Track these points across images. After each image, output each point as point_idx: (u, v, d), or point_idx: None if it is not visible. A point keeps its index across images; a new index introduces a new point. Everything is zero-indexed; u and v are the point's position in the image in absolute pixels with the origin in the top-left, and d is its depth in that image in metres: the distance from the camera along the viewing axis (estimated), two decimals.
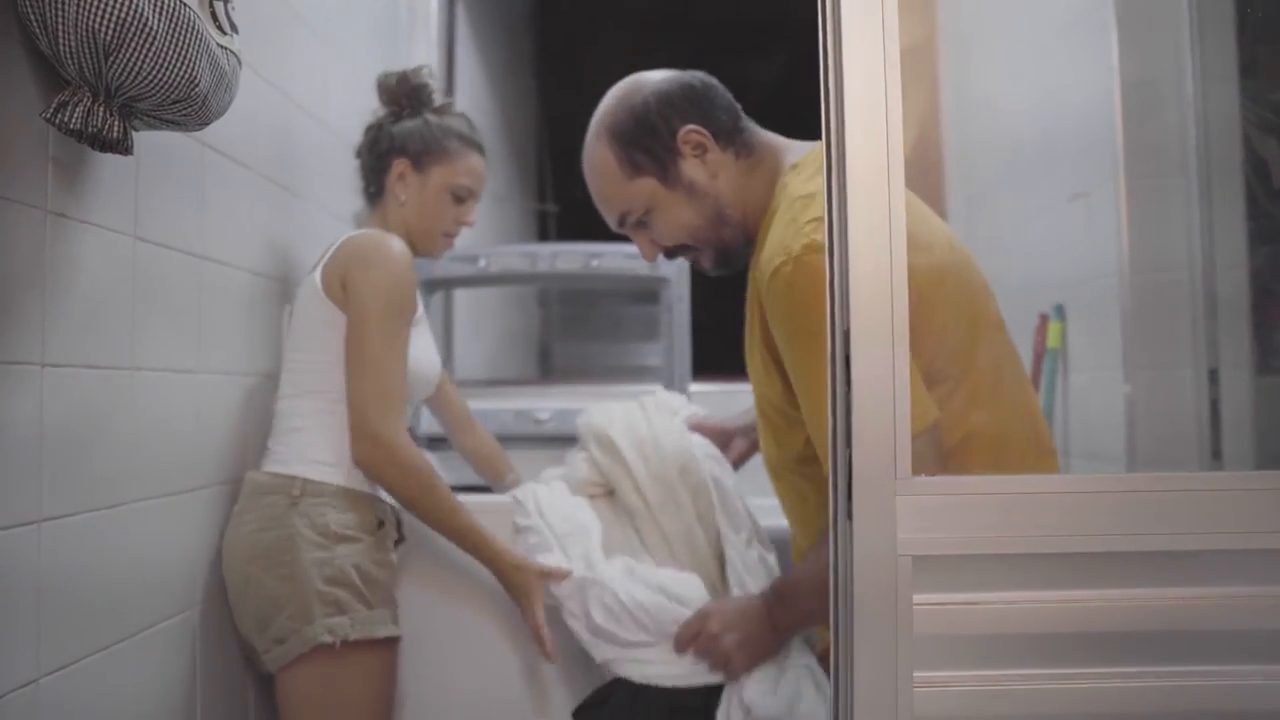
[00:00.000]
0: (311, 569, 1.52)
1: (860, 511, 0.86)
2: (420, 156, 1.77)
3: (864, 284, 0.86)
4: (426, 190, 1.78)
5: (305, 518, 1.55)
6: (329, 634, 1.51)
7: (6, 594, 1.11)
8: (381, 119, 1.81)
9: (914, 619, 0.86)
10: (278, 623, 1.53)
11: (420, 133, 1.78)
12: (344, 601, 1.53)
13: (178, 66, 1.10)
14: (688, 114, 1.43)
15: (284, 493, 1.57)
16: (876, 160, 0.86)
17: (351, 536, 1.57)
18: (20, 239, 1.13)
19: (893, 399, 0.85)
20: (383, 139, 1.79)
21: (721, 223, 1.44)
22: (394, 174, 1.78)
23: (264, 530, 1.55)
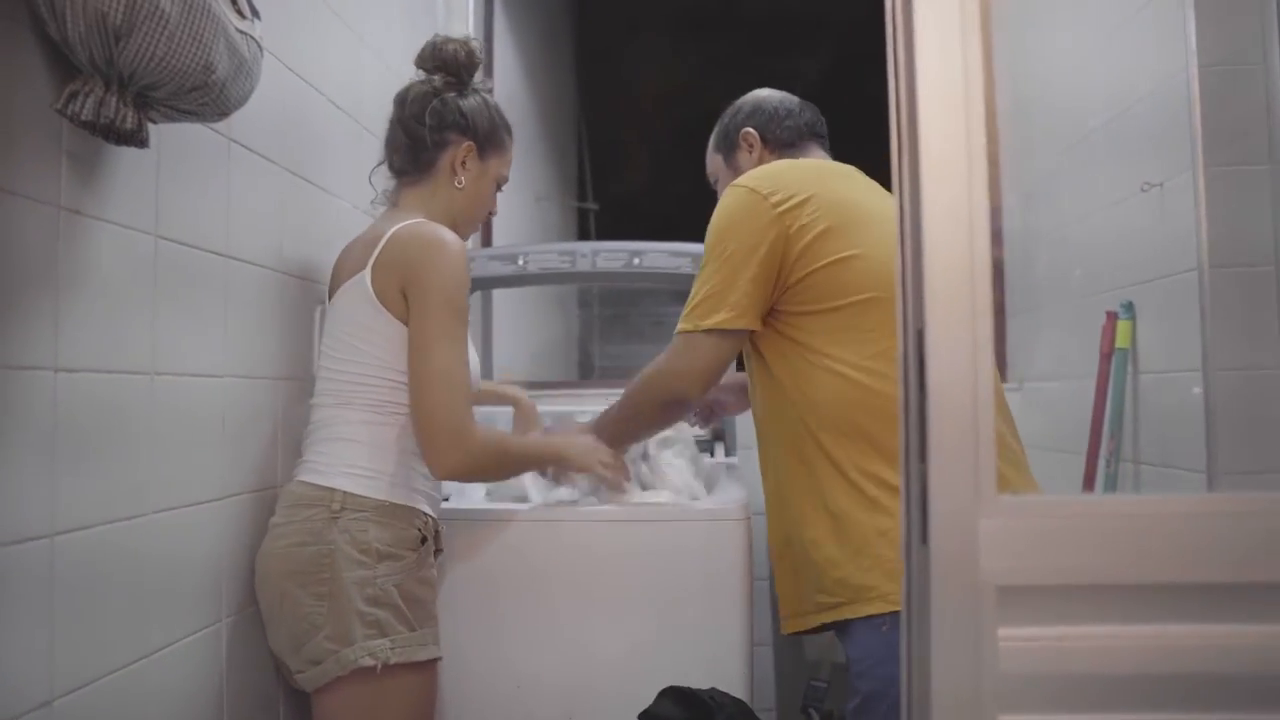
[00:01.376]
0: (352, 588, 1.44)
1: (937, 535, 0.76)
2: (485, 143, 1.69)
3: (940, 278, 0.76)
4: (484, 178, 1.71)
5: (346, 533, 1.46)
6: (370, 657, 1.43)
7: (17, 612, 1.04)
8: (440, 88, 1.67)
9: (999, 656, 0.76)
10: (314, 643, 1.44)
11: (485, 116, 1.69)
12: (385, 623, 1.45)
13: (192, 51, 1.03)
14: (750, 119, 1.83)
15: (324, 506, 1.48)
16: (954, 139, 0.76)
17: (394, 554, 1.49)
18: (31, 237, 1.07)
19: (974, 407, 0.76)
20: (450, 112, 1.66)
21: None
22: (457, 154, 1.67)
23: (302, 545, 1.47)
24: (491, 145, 1.70)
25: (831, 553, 1.52)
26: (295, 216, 1.71)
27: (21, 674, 1.05)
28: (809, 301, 1.54)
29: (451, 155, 1.66)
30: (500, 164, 1.73)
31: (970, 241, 0.76)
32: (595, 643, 1.79)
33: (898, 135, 0.80)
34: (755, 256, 1.54)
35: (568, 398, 2.68)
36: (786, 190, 1.56)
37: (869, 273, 1.52)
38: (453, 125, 1.66)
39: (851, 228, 1.54)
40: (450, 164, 1.66)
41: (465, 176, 1.67)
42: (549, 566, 1.80)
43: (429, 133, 1.65)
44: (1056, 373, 2.52)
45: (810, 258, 1.53)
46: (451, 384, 1.50)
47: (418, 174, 1.67)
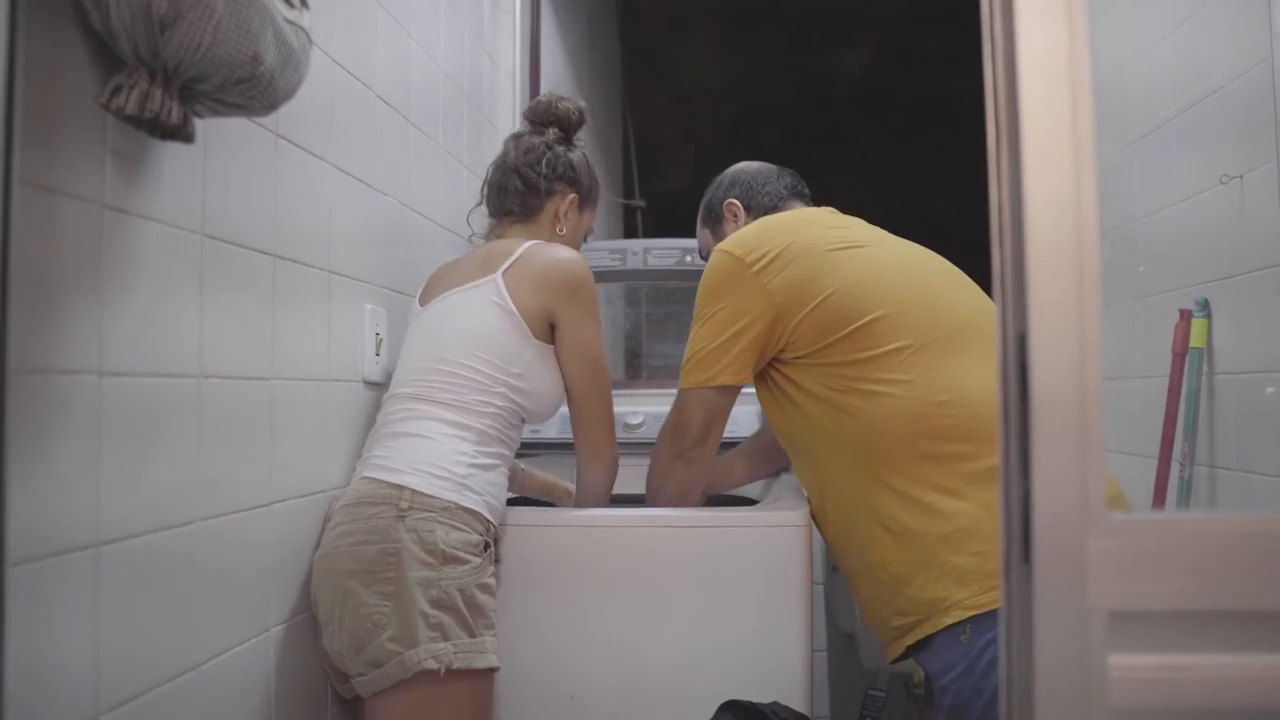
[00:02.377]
0: (416, 588, 1.42)
1: (1042, 556, 0.70)
2: (585, 196, 1.84)
3: (1044, 277, 0.70)
4: (579, 228, 1.85)
5: (413, 532, 1.45)
6: (434, 660, 1.40)
7: (63, 625, 1.01)
8: (552, 141, 1.82)
9: (1110, 687, 0.70)
10: (376, 644, 1.41)
11: (586, 174, 1.85)
12: (447, 626, 1.43)
13: (240, 41, 0.99)
14: (731, 191, 1.96)
15: (391, 503, 1.46)
16: (1059, 122, 0.70)
17: (460, 557, 1.47)
18: (75, 236, 1.03)
19: (1083, 417, 0.69)
20: (560, 164, 1.81)
21: None
22: (564, 202, 1.81)
23: (368, 543, 1.44)
24: (590, 199, 1.86)
25: (899, 570, 1.49)
26: (343, 215, 1.67)
27: (67, 688, 1.02)
28: (816, 339, 1.58)
29: (557, 204, 1.81)
30: (592, 218, 1.88)
31: (1077, 237, 0.70)
32: (651, 651, 1.74)
33: (995, 124, 0.74)
34: (741, 318, 1.63)
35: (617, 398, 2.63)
36: (759, 249, 1.63)
37: (855, 303, 1.57)
38: (563, 176, 1.81)
39: (824, 271, 1.60)
40: (555, 211, 1.81)
41: (566, 225, 1.82)
42: (604, 572, 1.76)
43: (543, 180, 1.79)
44: (1122, 372, 2.43)
45: (799, 305, 1.59)
46: (610, 414, 1.76)
47: (524, 217, 1.81)
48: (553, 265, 1.66)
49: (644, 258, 2.28)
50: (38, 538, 0.97)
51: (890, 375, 1.53)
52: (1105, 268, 2.55)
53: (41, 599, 0.98)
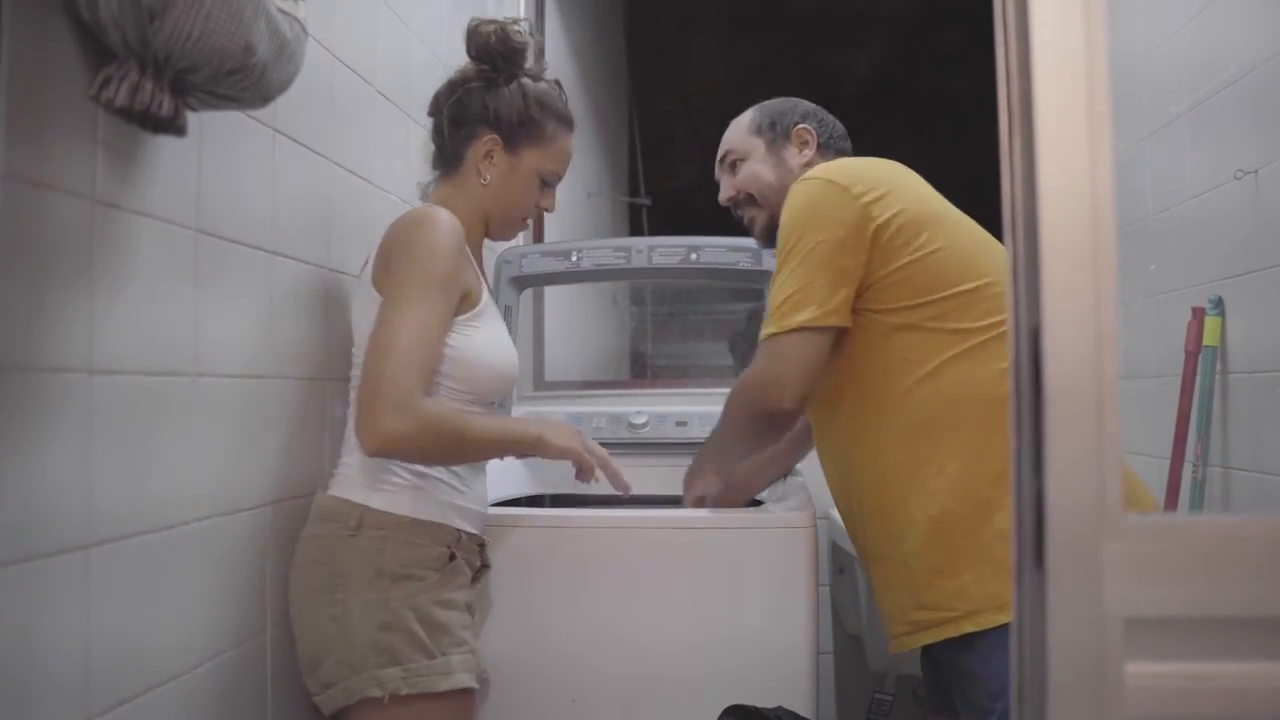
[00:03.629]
0: (363, 611, 1.34)
1: (1055, 560, 0.67)
2: (514, 135, 1.54)
3: (1059, 270, 0.67)
4: (516, 174, 1.56)
5: (361, 553, 1.36)
6: (377, 688, 1.32)
7: (53, 626, 0.99)
8: (470, 77, 1.56)
9: (1126, 696, 0.67)
10: (326, 666, 1.35)
11: (518, 107, 1.54)
12: (398, 650, 1.34)
13: (231, 31, 0.97)
14: (808, 118, 1.74)
15: (342, 521, 1.38)
16: (1074, 106, 0.67)
17: (411, 575, 1.37)
18: (65, 232, 1.01)
19: (1099, 415, 0.67)
20: (472, 104, 1.54)
21: (784, 196, 1.59)
22: (480, 149, 1.54)
23: (318, 562, 1.38)
24: (524, 137, 1.55)
25: (937, 562, 1.42)
26: (342, 210, 1.65)
27: (58, 691, 1.00)
28: (904, 297, 1.45)
29: (476, 149, 1.54)
30: (540, 156, 1.57)
31: (1094, 228, 0.67)
32: (655, 654, 1.72)
33: (1008, 112, 0.71)
34: (842, 250, 1.44)
35: (621, 398, 2.61)
36: (867, 184, 1.47)
37: (964, 264, 1.44)
38: (475, 118, 1.54)
39: (932, 222, 1.47)
40: (475, 159, 1.55)
41: (491, 171, 1.54)
42: (608, 574, 1.73)
43: (448, 126, 1.55)
44: (1134, 371, 2.40)
45: (899, 252, 1.44)
46: (403, 351, 1.32)
47: (447, 169, 1.58)
48: (389, 235, 1.45)
49: (649, 256, 2.25)
50: (28, 539, 0.95)
51: (982, 351, 1.41)
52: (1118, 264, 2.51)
53: (32, 601, 0.96)
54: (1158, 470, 2.08)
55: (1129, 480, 1.47)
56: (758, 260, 2.19)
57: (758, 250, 2.20)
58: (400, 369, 1.31)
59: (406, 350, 1.32)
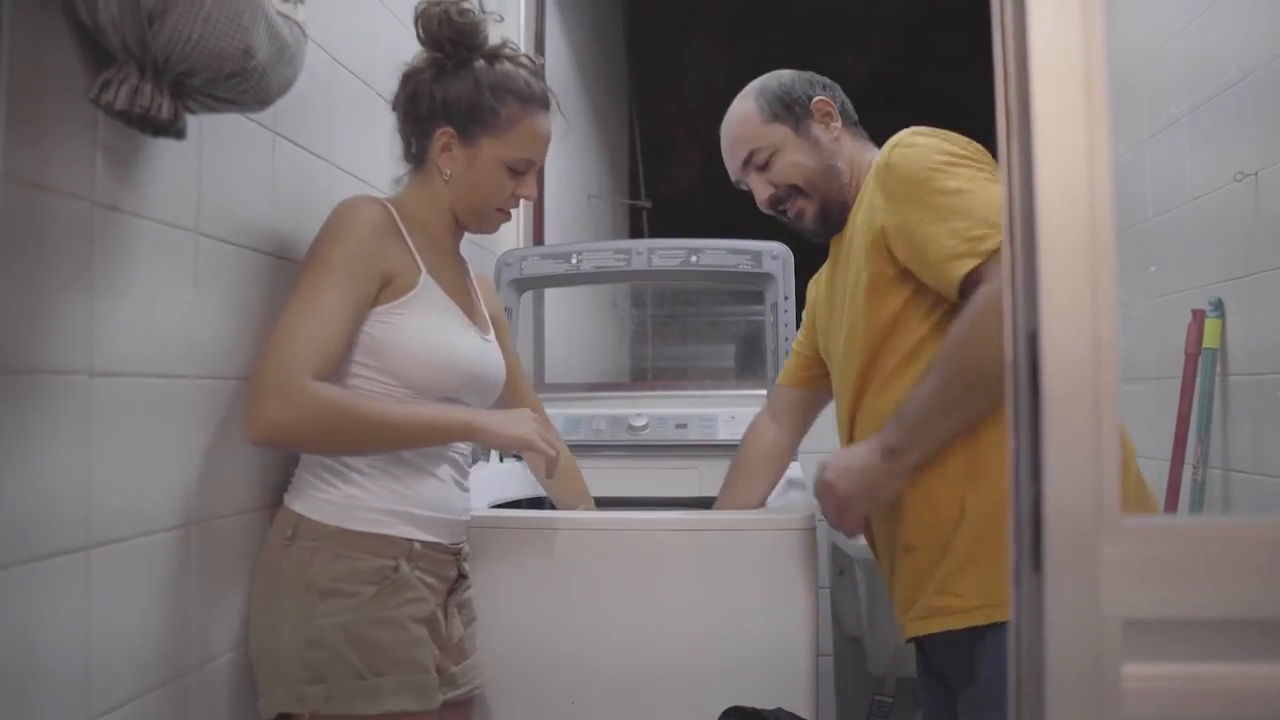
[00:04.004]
0: (289, 626, 1.29)
1: (1053, 563, 0.67)
2: (468, 126, 1.44)
3: (1056, 271, 0.67)
4: (476, 166, 1.45)
5: (292, 563, 1.31)
6: (299, 703, 1.27)
7: (52, 628, 0.99)
8: (421, 68, 1.46)
9: (1123, 697, 0.67)
10: (260, 673, 1.32)
11: (468, 97, 1.43)
12: (324, 668, 1.27)
13: (230, 34, 0.97)
14: (817, 88, 1.63)
15: (281, 530, 1.34)
16: (1072, 109, 0.68)
17: (341, 590, 1.30)
18: (64, 233, 1.01)
19: (1097, 419, 0.67)
20: (422, 97, 1.45)
21: (833, 176, 1.58)
22: (437, 144, 1.45)
23: (261, 569, 1.35)
24: (480, 126, 1.44)
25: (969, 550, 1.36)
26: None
27: (61, 690, 1.00)
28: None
29: (433, 145, 1.46)
30: (501, 145, 1.45)
31: (1092, 231, 0.67)
32: (654, 656, 1.72)
33: (1005, 114, 0.71)
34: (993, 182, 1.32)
35: (621, 400, 2.61)
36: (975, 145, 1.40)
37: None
38: (427, 112, 1.45)
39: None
40: (434, 154, 1.46)
41: (450, 166, 1.45)
42: (607, 576, 1.74)
43: (406, 122, 1.48)
44: (1134, 373, 2.40)
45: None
46: (288, 336, 1.26)
47: (414, 165, 1.51)
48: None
49: (649, 258, 2.25)
50: (29, 540, 0.96)
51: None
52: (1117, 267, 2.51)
53: (33, 601, 0.96)
54: (1158, 472, 2.08)
55: (1138, 488, 1.45)
56: (757, 262, 2.19)
57: (757, 253, 2.20)
58: (283, 354, 1.24)
59: (290, 335, 1.26)
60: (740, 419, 2.18)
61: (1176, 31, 2.11)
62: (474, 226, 1.54)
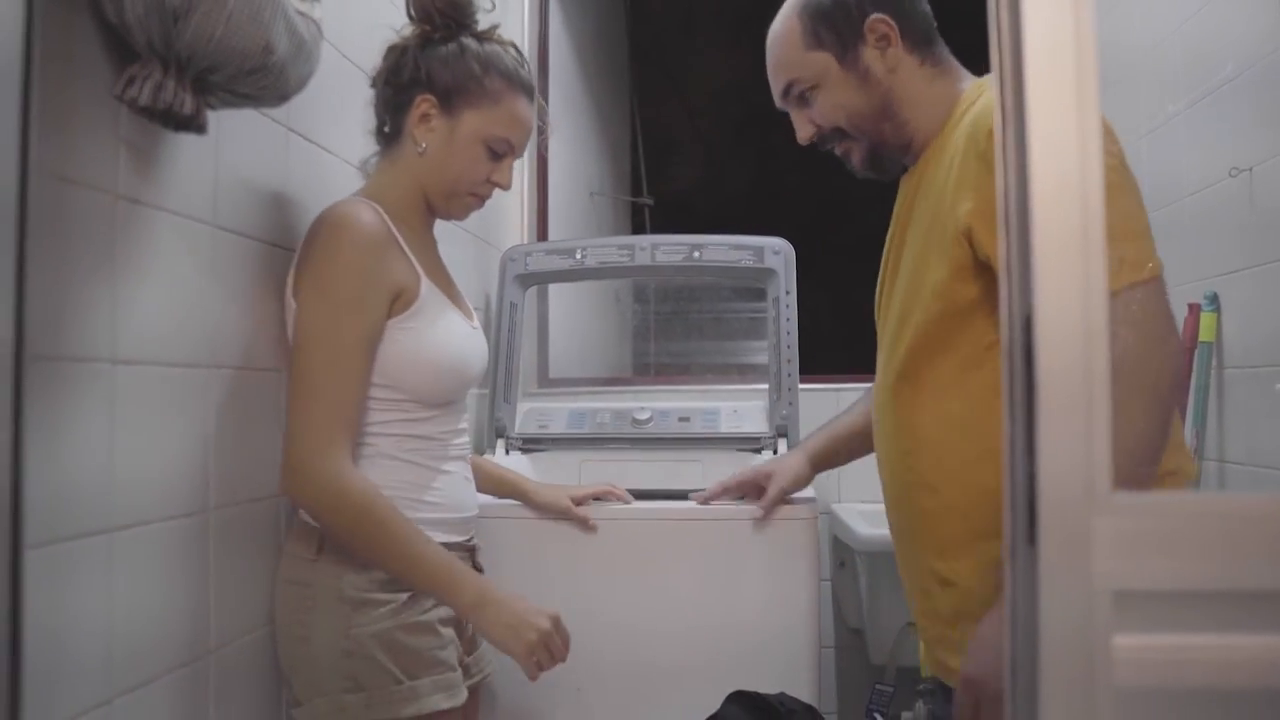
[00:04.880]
0: (325, 638, 1.31)
1: (1047, 536, 0.70)
2: (451, 95, 1.39)
3: (1050, 259, 0.70)
4: (455, 138, 1.40)
5: (323, 576, 1.32)
6: (340, 713, 1.29)
7: (76, 609, 1.02)
8: (408, 40, 1.43)
9: (1114, 667, 0.70)
10: (297, 684, 1.35)
11: (454, 63, 1.40)
12: (363, 676, 1.29)
13: (252, 32, 1.00)
14: (882, 5, 1.36)
15: (306, 543, 1.34)
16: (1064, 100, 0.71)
17: (373, 600, 1.31)
18: (89, 225, 1.04)
19: (1089, 398, 0.70)
20: (405, 66, 1.41)
21: (885, 116, 1.36)
22: (415, 113, 1.40)
23: (288, 582, 1.36)
24: (463, 97, 1.40)
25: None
26: None
27: (80, 672, 1.03)
28: None
29: (411, 115, 1.41)
30: (483, 120, 1.40)
31: (1083, 220, 0.70)
32: (659, 644, 1.75)
33: (1001, 108, 0.74)
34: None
35: (624, 394, 2.64)
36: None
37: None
38: (410, 81, 1.40)
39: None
40: (411, 125, 1.41)
41: (427, 137, 1.40)
42: (613, 566, 1.77)
43: (390, 92, 1.42)
44: None
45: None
46: (318, 398, 1.26)
47: (387, 142, 1.46)
48: (310, 230, 1.34)
49: (652, 254, 2.28)
50: (54, 522, 0.99)
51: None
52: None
53: (58, 583, 0.99)
54: None
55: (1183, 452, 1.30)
56: (759, 258, 2.22)
57: (759, 248, 2.23)
58: (312, 418, 1.26)
59: (316, 393, 1.27)
60: (742, 413, 2.21)
61: (1174, 29, 2.14)
62: (443, 209, 1.48)
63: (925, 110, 1.36)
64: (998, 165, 0.75)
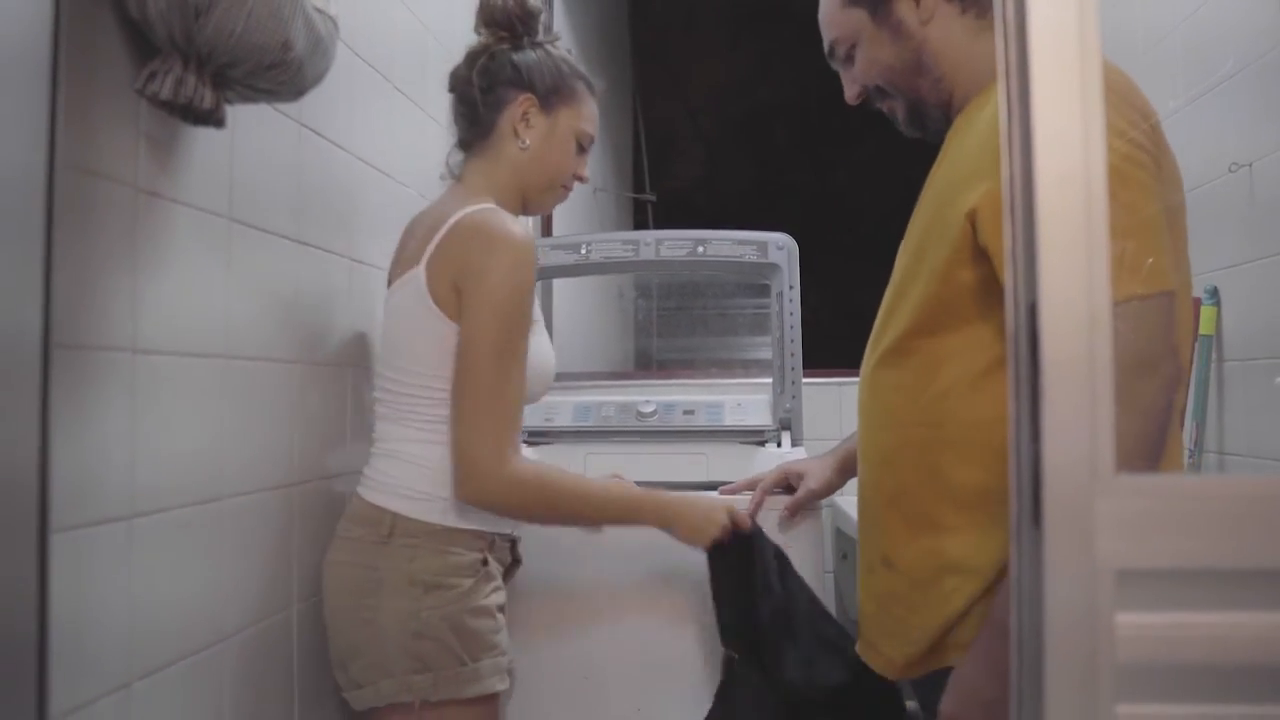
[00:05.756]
0: (395, 619, 1.35)
1: (1051, 517, 0.72)
2: (548, 95, 1.51)
3: (1054, 247, 0.73)
4: (554, 135, 1.52)
5: (393, 560, 1.37)
6: (408, 693, 1.34)
7: (96, 592, 1.04)
8: (490, 44, 1.52)
9: (1117, 644, 0.72)
10: (357, 666, 1.38)
11: (547, 67, 1.51)
12: (430, 658, 1.34)
13: (271, 28, 1.02)
14: None
15: (375, 527, 1.39)
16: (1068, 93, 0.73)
17: (443, 584, 1.36)
18: (110, 217, 1.06)
19: (1092, 383, 0.72)
20: (501, 67, 1.50)
21: (920, 73, 1.30)
22: (516, 111, 1.49)
23: (353, 565, 1.40)
24: (558, 96, 1.51)
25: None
26: (363, 203, 1.70)
27: (100, 655, 1.05)
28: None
29: (511, 113, 1.50)
30: (574, 117, 1.53)
31: (1087, 210, 0.73)
32: (665, 632, 1.77)
33: (1007, 101, 0.76)
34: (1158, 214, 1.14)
35: (629, 388, 2.66)
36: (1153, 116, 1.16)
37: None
38: (507, 80, 1.50)
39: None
40: (511, 123, 1.50)
41: (529, 135, 1.50)
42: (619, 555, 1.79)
43: (479, 92, 1.50)
44: None
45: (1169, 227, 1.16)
46: (494, 407, 1.35)
47: (479, 142, 1.53)
48: (462, 246, 1.38)
49: (656, 249, 2.30)
50: (76, 507, 1.01)
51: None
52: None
53: (79, 567, 1.01)
54: None
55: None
56: (763, 253, 2.24)
57: (763, 243, 2.25)
58: (492, 428, 1.35)
59: (493, 403, 1.35)
60: (746, 406, 2.23)
61: (1175, 25, 2.16)
62: (540, 202, 1.57)
63: (966, 67, 1.28)
64: (1003, 155, 0.77)
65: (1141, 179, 1.11)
